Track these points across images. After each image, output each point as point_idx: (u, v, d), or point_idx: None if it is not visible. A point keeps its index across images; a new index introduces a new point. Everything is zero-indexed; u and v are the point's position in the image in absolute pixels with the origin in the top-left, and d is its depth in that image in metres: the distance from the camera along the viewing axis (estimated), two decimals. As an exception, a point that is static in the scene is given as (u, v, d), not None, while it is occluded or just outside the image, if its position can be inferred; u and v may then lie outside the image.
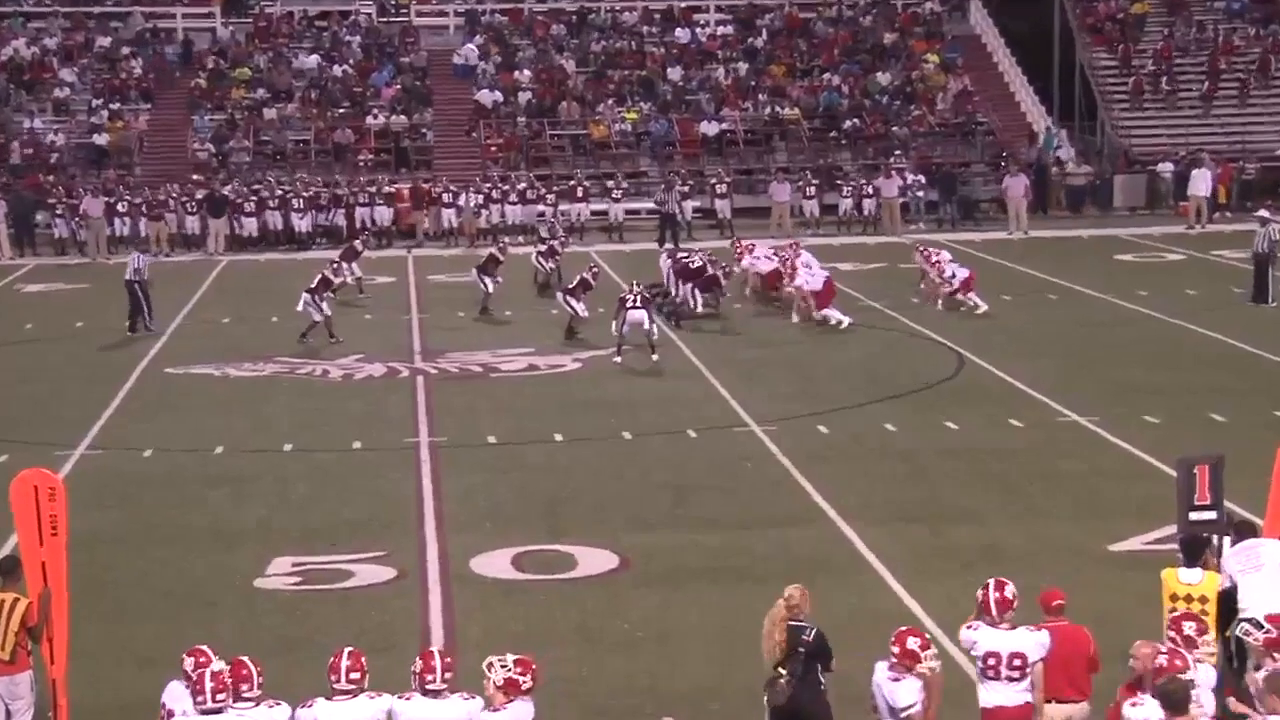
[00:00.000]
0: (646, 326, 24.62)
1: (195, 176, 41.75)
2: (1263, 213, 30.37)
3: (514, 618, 13.75)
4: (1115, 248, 36.97)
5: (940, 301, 28.62)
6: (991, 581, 9.88)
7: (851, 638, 11.12)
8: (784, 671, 9.78)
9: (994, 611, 9.72)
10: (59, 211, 39.60)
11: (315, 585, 14.83)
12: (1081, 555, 15.04)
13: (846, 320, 27.06)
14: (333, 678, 9.09)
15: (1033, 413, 20.91)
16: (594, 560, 15.33)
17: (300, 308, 26.79)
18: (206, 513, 17.29)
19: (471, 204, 40.33)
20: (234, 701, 8.97)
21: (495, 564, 15.28)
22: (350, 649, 9.22)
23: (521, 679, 8.94)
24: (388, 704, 9.06)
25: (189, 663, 9.26)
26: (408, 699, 9.05)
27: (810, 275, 28.06)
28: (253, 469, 19.11)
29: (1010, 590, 9.78)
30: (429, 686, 9.02)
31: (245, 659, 9.15)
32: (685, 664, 12.76)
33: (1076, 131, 49.81)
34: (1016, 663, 9.60)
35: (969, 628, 9.88)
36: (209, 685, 8.95)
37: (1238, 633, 9.29)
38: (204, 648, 9.40)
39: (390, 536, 16.20)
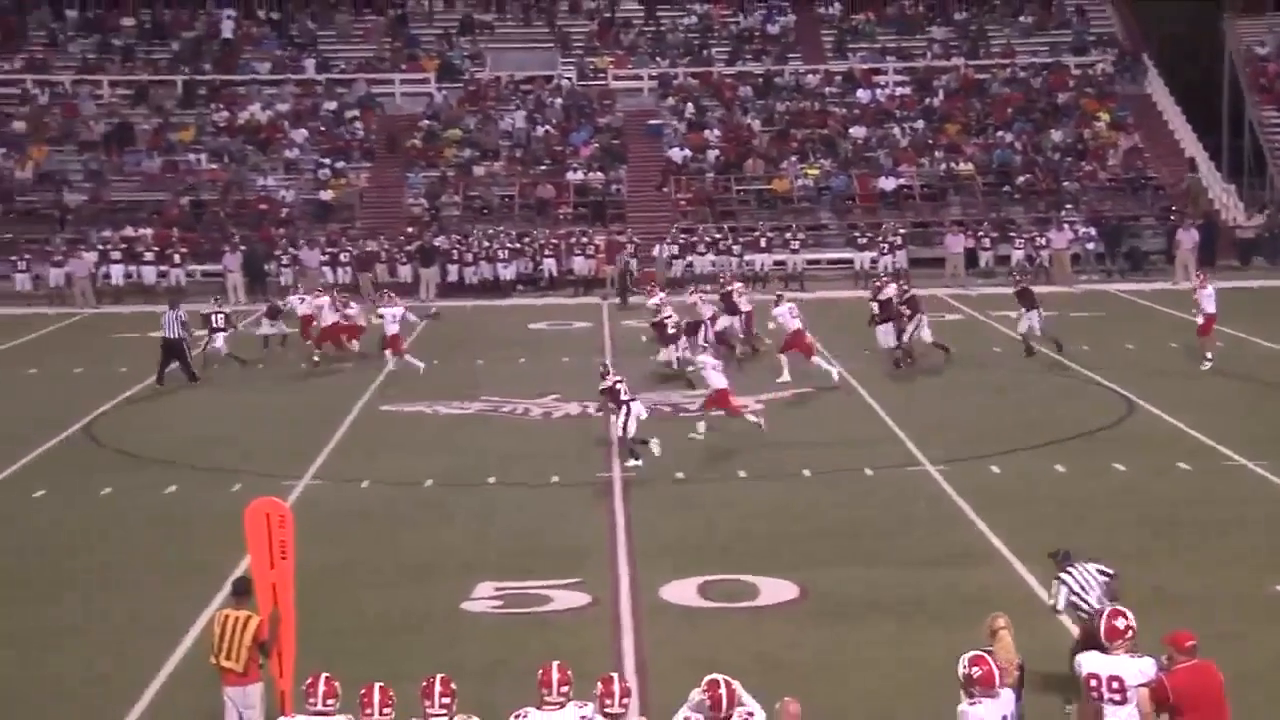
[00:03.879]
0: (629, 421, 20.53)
1: (409, 229, 42.73)
2: None
3: (700, 643, 13.75)
4: (1284, 298, 35.91)
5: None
6: (1107, 610, 10.09)
7: (1027, 676, 10.89)
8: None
9: (1104, 639, 9.85)
10: (284, 261, 40.91)
11: (516, 609, 15.00)
12: (1250, 600, 14.57)
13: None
14: (544, 691, 9.09)
15: (1200, 457, 20.34)
16: (775, 590, 15.28)
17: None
18: (417, 540, 17.60)
19: (665, 255, 40.58)
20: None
21: (682, 592, 15.31)
22: (558, 662, 9.25)
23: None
24: (591, 713, 9.05)
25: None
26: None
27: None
28: (459, 500, 19.41)
29: (1122, 622, 9.83)
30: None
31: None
32: (859, 695, 12.62)
33: (1245, 187, 48.40)
34: (1115, 685, 9.60)
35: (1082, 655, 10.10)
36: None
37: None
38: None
39: (585, 564, 16.32)
